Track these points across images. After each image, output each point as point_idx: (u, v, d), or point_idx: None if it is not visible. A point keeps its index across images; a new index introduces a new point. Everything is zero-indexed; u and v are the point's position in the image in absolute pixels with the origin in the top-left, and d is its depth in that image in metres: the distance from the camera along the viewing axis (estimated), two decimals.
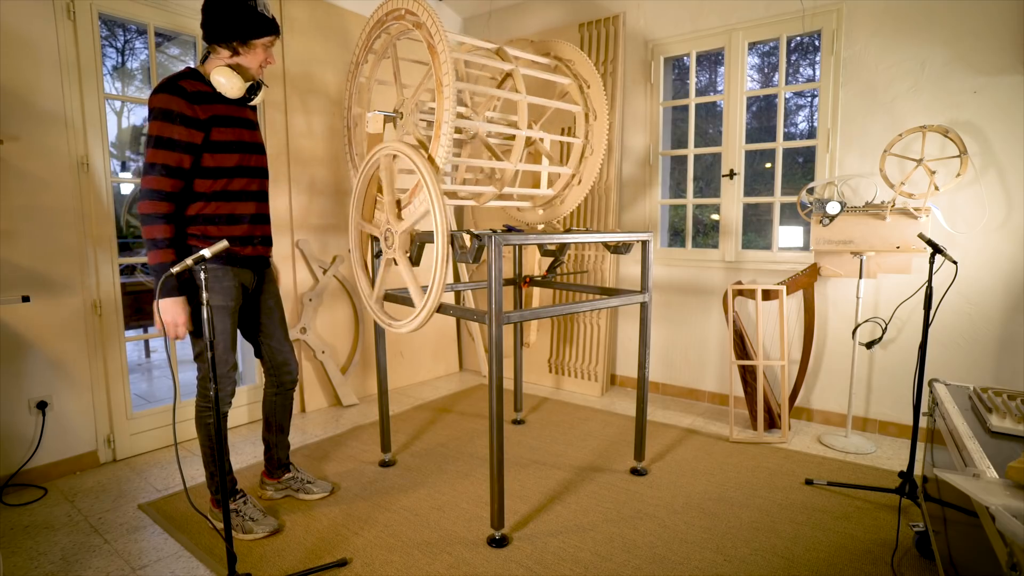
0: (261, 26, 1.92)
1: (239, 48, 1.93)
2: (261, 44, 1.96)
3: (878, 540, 1.99)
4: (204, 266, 1.55)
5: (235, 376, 2.05)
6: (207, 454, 2.05)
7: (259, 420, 3.25)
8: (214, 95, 1.91)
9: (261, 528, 2.04)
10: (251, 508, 2.10)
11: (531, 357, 4.04)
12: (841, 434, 2.96)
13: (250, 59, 1.96)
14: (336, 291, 3.57)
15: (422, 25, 2.05)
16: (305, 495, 2.31)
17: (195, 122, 1.86)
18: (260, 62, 1.99)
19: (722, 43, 3.33)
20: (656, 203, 3.68)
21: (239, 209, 2.00)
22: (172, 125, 1.82)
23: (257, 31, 1.92)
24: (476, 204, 2.58)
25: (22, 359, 2.41)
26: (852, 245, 2.77)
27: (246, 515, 2.07)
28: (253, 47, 1.95)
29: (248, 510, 2.08)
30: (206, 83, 1.90)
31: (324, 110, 3.41)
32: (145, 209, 1.83)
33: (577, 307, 2.21)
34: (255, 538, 2.03)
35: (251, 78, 2.00)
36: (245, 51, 1.94)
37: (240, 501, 2.10)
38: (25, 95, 2.36)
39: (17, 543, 2.02)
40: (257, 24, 1.91)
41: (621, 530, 2.08)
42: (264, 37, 1.95)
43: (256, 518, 2.07)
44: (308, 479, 2.36)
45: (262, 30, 1.93)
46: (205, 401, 2.02)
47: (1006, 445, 1.35)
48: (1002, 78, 2.59)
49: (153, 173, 1.81)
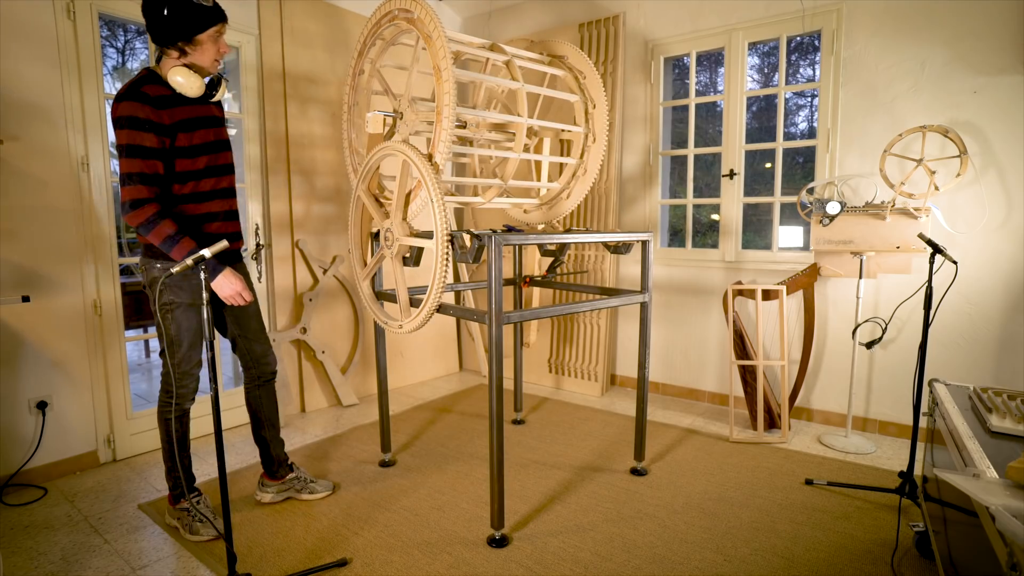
0: (201, 19, 1.81)
1: (186, 47, 1.84)
2: (207, 37, 1.85)
3: (878, 540, 1.99)
4: (203, 266, 1.58)
5: (198, 373, 2.06)
6: (166, 450, 2.04)
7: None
8: (176, 97, 1.86)
9: (206, 531, 2.03)
10: (202, 508, 2.08)
11: (531, 357, 4.04)
12: (841, 434, 2.96)
13: (200, 55, 1.86)
14: (336, 291, 3.57)
15: (416, 20, 2.05)
16: (309, 495, 2.31)
17: (162, 128, 1.82)
18: (213, 56, 1.89)
19: (722, 43, 3.33)
20: (656, 203, 3.68)
21: (211, 208, 2.00)
22: (142, 132, 1.78)
23: (198, 25, 1.81)
24: (483, 201, 2.58)
25: (22, 359, 2.41)
26: (852, 245, 2.77)
27: (195, 515, 2.05)
28: (199, 43, 1.84)
29: (198, 510, 2.06)
30: (166, 85, 1.85)
31: (324, 111, 3.41)
32: (137, 220, 1.81)
33: (577, 307, 2.21)
34: (199, 540, 2.01)
35: (208, 74, 1.92)
36: (192, 49, 1.84)
37: (194, 500, 2.08)
38: (25, 95, 2.36)
39: (17, 543, 2.02)
40: (197, 18, 1.80)
41: (621, 530, 2.08)
42: (207, 29, 1.83)
43: (203, 520, 2.05)
44: (310, 478, 2.36)
45: (203, 23, 1.82)
46: (167, 396, 2.02)
47: (1006, 445, 1.35)
48: (1002, 78, 2.59)
49: (131, 183, 1.79)
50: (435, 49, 1.98)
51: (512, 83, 2.40)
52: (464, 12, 4.40)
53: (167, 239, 1.81)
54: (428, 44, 2.00)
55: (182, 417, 2.04)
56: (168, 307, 1.94)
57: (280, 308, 3.28)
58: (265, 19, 3.13)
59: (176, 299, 1.93)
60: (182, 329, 1.97)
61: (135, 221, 1.81)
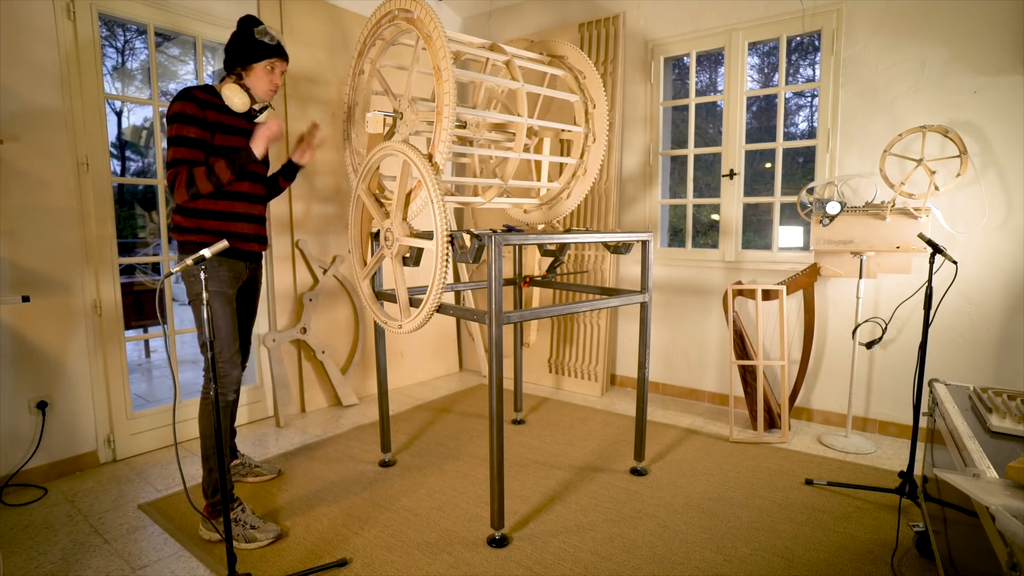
0: (257, 51, 2.12)
1: (242, 73, 2.15)
2: (261, 67, 2.14)
3: (878, 540, 1.99)
4: (204, 265, 1.58)
5: (239, 362, 2.14)
6: (207, 447, 2.04)
7: (259, 420, 3.26)
8: (221, 106, 2.10)
9: (264, 535, 2.00)
10: (249, 515, 2.04)
11: (531, 357, 4.04)
12: (841, 434, 2.96)
13: (254, 81, 2.16)
14: (336, 291, 3.57)
15: (416, 20, 2.05)
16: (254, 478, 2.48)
17: (204, 123, 2.04)
18: (266, 86, 2.18)
19: (722, 43, 3.33)
20: (656, 203, 3.68)
21: (234, 208, 2.15)
22: (187, 126, 2.01)
23: (253, 56, 2.12)
24: (483, 201, 2.57)
25: (22, 359, 2.41)
26: (852, 245, 2.77)
27: (246, 523, 2.01)
28: (253, 70, 2.14)
29: (247, 517, 2.03)
30: (217, 97, 2.11)
31: (324, 111, 3.41)
32: (184, 195, 2.01)
33: (577, 307, 2.21)
34: (259, 546, 1.97)
35: (261, 101, 2.20)
36: (247, 75, 2.15)
37: (238, 509, 2.04)
38: (25, 95, 2.36)
39: (17, 543, 2.02)
40: (253, 50, 2.12)
41: (621, 530, 2.08)
42: (260, 61, 2.13)
43: (256, 525, 2.02)
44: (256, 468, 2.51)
45: (258, 55, 2.13)
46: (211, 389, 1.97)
47: (1006, 445, 1.35)
48: (1002, 78, 2.59)
49: (174, 167, 2.01)
50: (435, 49, 1.98)
51: (512, 83, 2.40)
52: (464, 12, 4.40)
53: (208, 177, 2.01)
54: (428, 44, 2.00)
55: (227, 409, 2.12)
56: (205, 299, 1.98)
57: (280, 308, 3.28)
58: (265, 19, 3.13)
59: (213, 289, 2.08)
60: (219, 317, 2.09)
61: (186, 196, 2.01)
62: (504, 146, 2.77)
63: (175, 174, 1.99)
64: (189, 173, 1.99)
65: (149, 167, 9.49)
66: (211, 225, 2.09)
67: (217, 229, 2.09)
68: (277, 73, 2.19)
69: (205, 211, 2.08)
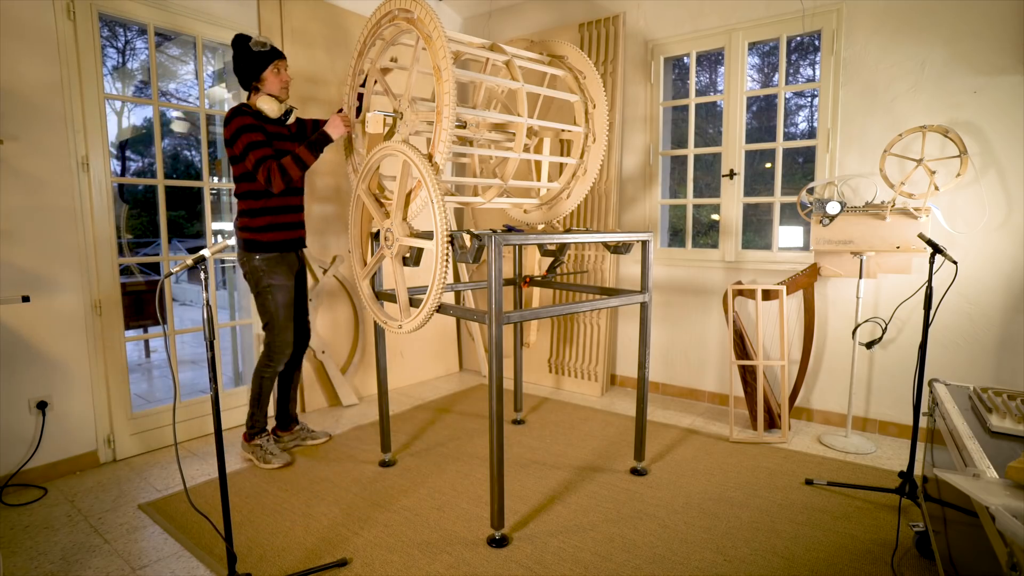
0: (260, 61, 2.45)
1: (257, 85, 2.49)
2: (269, 73, 2.47)
3: (878, 540, 1.99)
4: (203, 265, 1.58)
5: (292, 341, 2.62)
6: (254, 398, 2.61)
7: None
8: (266, 119, 2.47)
9: (277, 460, 2.58)
10: (272, 445, 2.64)
11: (531, 357, 4.04)
12: (841, 434, 2.96)
13: (270, 87, 2.49)
14: (336, 291, 3.57)
15: (416, 20, 2.05)
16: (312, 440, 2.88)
17: (264, 130, 2.41)
18: (278, 86, 2.50)
19: (722, 43, 3.33)
20: (656, 203, 3.68)
21: (288, 202, 2.57)
22: (252, 133, 2.36)
23: (259, 67, 2.45)
24: (483, 201, 2.57)
25: (22, 359, 2.41)
26: (852, 245, 2.77)
27: (268, 450, 2.61)
28: (265, 79, 2.48)
29: (270, 447, 2.63)
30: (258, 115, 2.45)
31: (324, 110, 3.41)
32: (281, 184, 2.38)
33: (577, 307, 2.21)
34: (271, 468, 2.57)
35: (279, 99, 2.51)
36: (263, 84, 2.49)
37: (265, 439, 2.65)
38: (26, 95, 2.36)
39: (17, 543, 2.02)
40: (257, 62, 2.45)
41: (621, 530, 2.08)
42: (266, 68, 2.46)
43: (275, 453, 2.61)
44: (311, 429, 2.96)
45: (262, 63, 2.45)
46: (268, 360, 2.60)
47: (1006, 445, 1.35)
48: (1002, 78, 2.59)
49: (263, 164, 2.35)
50: (435, 49, 1.98)
51: (512, 83, 2.40)
52: (464, 12, 4.40)
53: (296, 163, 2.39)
54: (428, 44, 2.00)
55: (273, 377, 2.64)
56: (268, 289, 2.52)
57: None
58: (265, 19, 3.13)
59: (274, 282, 2.52)
60: (280, 306, 2.54)
61: (277, 183, 2.37)
62: (504, 146, 2.76)
63: (267, 170, 2.34)
64: (279, 165, 2.36)
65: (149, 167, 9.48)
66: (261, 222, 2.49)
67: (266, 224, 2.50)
68: (283, 71, 2.50)
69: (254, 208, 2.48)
